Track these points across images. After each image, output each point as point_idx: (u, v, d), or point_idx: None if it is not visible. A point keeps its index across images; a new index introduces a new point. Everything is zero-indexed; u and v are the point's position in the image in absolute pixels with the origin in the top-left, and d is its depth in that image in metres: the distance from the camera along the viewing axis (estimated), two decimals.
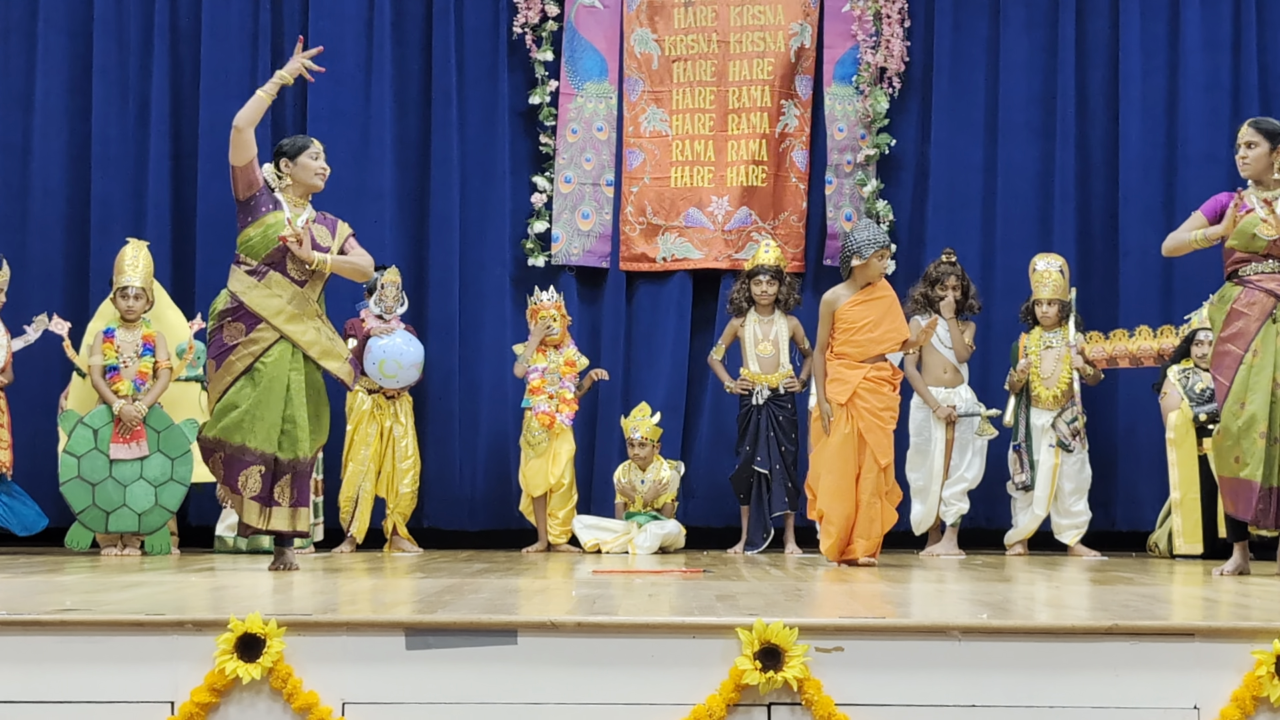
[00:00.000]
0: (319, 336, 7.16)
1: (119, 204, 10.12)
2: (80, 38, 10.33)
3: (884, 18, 10.20)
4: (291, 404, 7.06)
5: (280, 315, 7.04)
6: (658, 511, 9.49)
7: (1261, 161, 7.10)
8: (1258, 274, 7.03)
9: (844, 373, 8.02)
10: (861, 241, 8.02)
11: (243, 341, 7.05)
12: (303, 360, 7.12)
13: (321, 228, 7.22)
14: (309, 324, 7.12)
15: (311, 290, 7.15)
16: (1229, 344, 7.05)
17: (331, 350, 7.21)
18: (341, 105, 10.23)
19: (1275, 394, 6.93)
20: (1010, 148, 10.24)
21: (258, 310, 7.04)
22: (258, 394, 7.02)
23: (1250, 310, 7.01)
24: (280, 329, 7.04)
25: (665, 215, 10.30)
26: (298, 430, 7.07)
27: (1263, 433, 6.92)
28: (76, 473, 8.75)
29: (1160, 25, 10.27)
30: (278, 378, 7.04)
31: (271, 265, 7.07)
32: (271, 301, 7.05)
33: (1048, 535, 9.39)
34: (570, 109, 10.33)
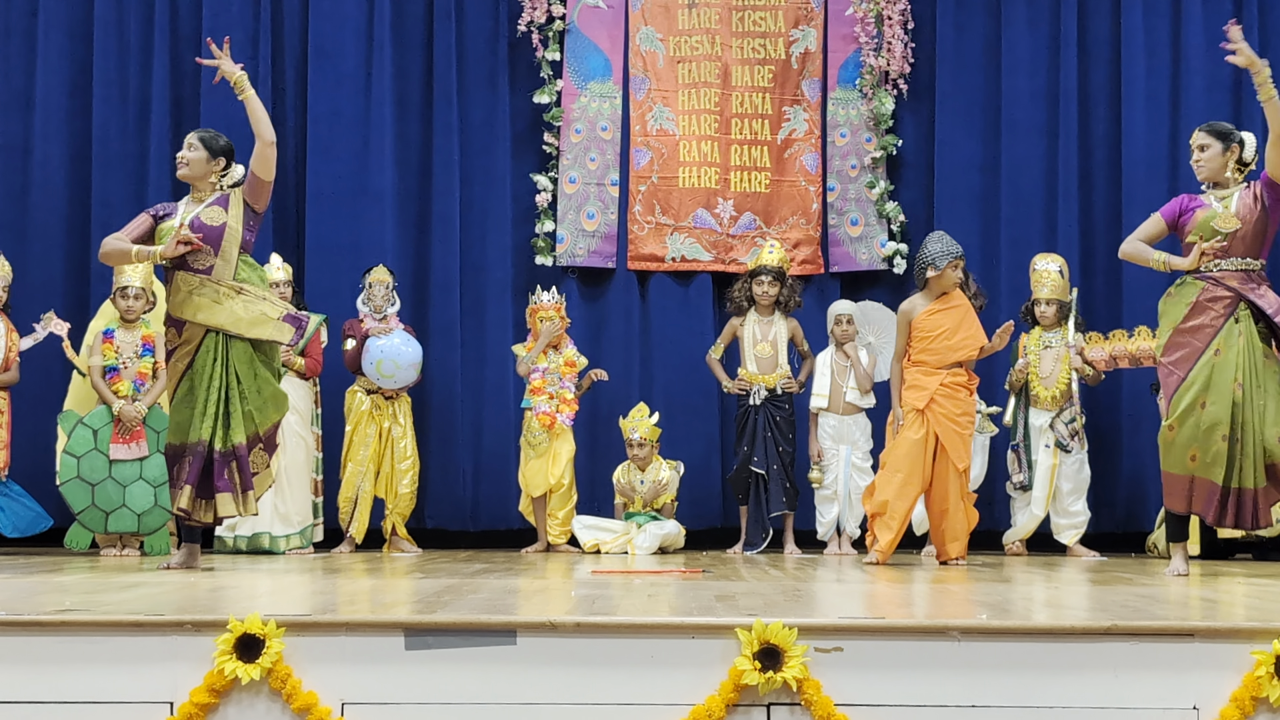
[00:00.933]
0: (240, 312, 7.18)
1: (120, 204, 10.10)
2: (80, 39, 10.33)
3: (885, 20, 10.20)
4: (211, 395, 7.12)
5: (196, 310, 7.14)
6: (657, 512, 9.49)
7: (1215, 162, 7.17)
8: (1221, 270, 7.05)
9: (921, 379, 8.21)
10: (936, 253, 8.21)
11: (178, 345, 7.19)
12: (229, 343, 7.17)
13: (215, 207, 7.28)
14: (225, 305, 7.17)
15: (222, 271, 7.19)
16: (1189, 336, 7.08)
17: (257, 319, 7.22)
18: (341, 106, 10.22)
19: (1236, 395, 6.94)
20: (1014, 146, 10.24)
21: (177, 314, 7.17)
22: (193, 390, 7.12)
23: (1214, 306, 7.04)
24: (200, 323, 7.14)
25: (675, 215, 10.31)
26: (231, 419, 7.13)
27: (1224, 435, 6.94)
28: (76, 473, 8.75)
29: (1162, 23, 10.27)
30: (205, 369, 7.12)
31: (175, 267, 7.20)
32: (185, 301, 7.15)
33: (1047, 535, 9.39)
34: (574, 109, 10.33)
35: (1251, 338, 7.01)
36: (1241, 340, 6.98)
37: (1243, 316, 7.02)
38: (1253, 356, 7.00)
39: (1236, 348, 6.97)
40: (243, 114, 7.32)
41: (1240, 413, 6.95)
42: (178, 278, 7.18)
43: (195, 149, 7.33)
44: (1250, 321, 7.02)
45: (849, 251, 10.28)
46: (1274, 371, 7.06)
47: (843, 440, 9.50)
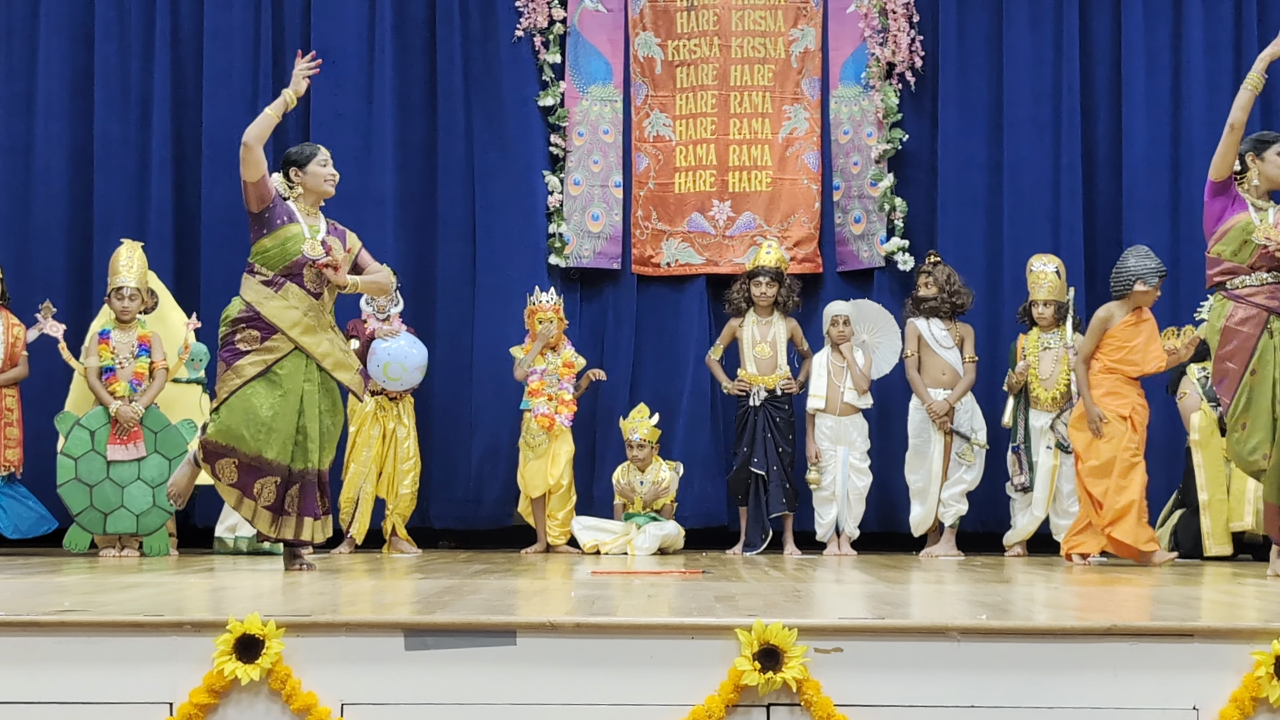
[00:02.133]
0: (332, 348, 7.18)
1: (121, 206, 10.13)
2: (82, 41, 10.34)
3: (889, 14, 10.19)
4: (304, 415, 7.10)
5: (296, 327, 7.07)
6: (656, 513, 9.49)
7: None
8: (1247, 287, 7.02)
9: (1122, 387, 8.52)
10: (1148, 269, 8.49)
11: (257, 349, 7.06)
12: (316, 371, 7.14)
13: (334, 239, 7.24)
14: (323, 335, 7.15)
15: (326, 301, 7.18)
16: (1228, 361, 7.06)
17: (344, 362, 7.24)
18: (343, 109, 10.24)
19: (1276, 413, 6.92)
20: (1016, 145, 10.25)
21: (274, 321, 7.06)
22: (277, 405, 7.03)
23: (1244, 326, 7.01)
24: (296, 340, 7.07)
25: (669, 220, 10.32)
26: (309, 442, 7.11)
27: (1265, 454, 6.92)
28: (74, 474, 8.74)
29: (1163, 26, 10.28)
30: (293, 389, 7.07)
31: (289, 277, 7.09)
32: (288, 313, 7.07)
33: (1046, 536, 9.39)
34: (577, 112, 10.35)
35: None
36: (1277, 355, 6.96)
37: (1276, 329, 6.98)
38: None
39: (1272, 363, 6.95)
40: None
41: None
42: (288, 288, 7.08)
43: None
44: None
45: (852, 250, 10.28)
46: None
47: (840, 441, 9.50)
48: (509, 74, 10.37)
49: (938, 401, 9.34)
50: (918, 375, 9.44)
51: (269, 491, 7.06)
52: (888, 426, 9.87)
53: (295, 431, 7.08)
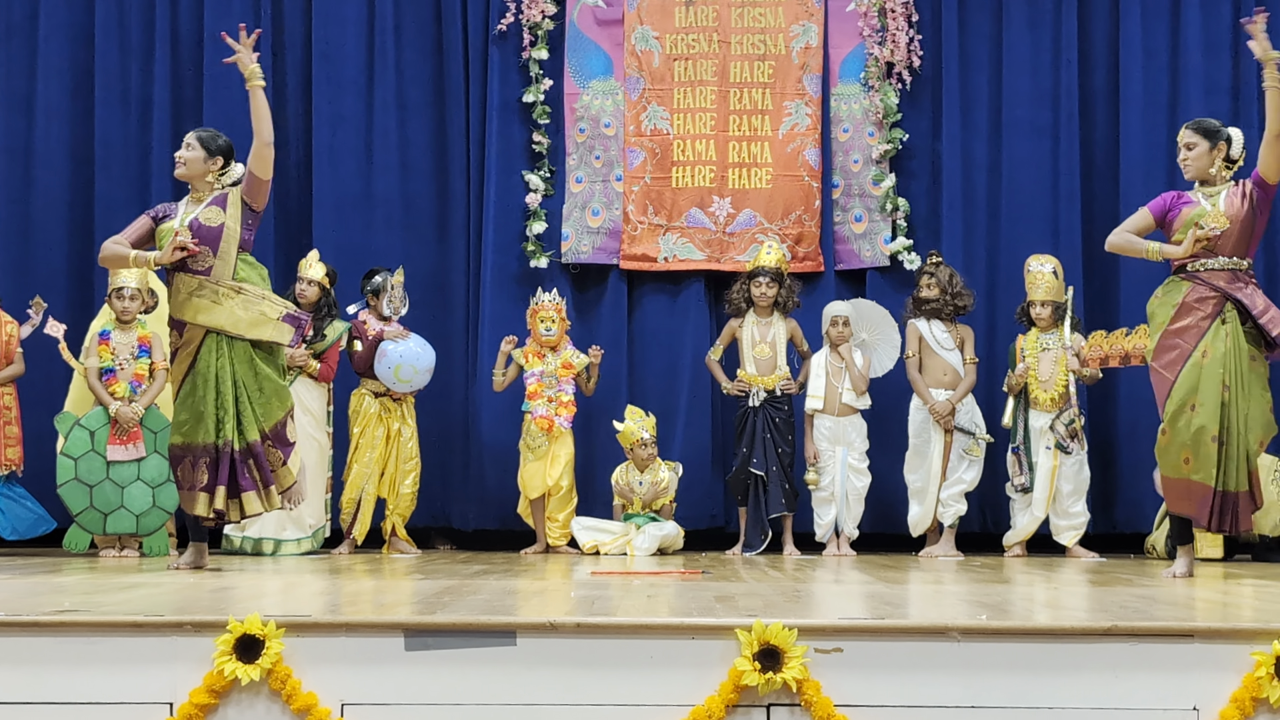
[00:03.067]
0: (239, 313, 7.20)
1: (121, 206, 10.09)
2: (82, 42, 10.34)
3: (889, 13, 10.19)
4: (222, 394, 7.14)
5: (196, 312, 7.17)
6: (656, 513, 9.49)
7: (1203, 160, 7.12)
8: (1208, 270, 7.03)
9: None
10: None
11: (180, 346, 7.22)
12: (229, 344, 7.19)
13: (213, 208, 7.30)
14: (225, 306, 7.19)
15: (221, 271, 7.21)
16: (1177, 338, 7.05)
17: (256, 320, 7.24)
18: (344, 110, 10.23)
19: (1224, 397, 6.93)
20: (1015, 146, 10.24)
21: (177, 315, 7.21)
22: (198, 392, 7.14)
23: (1201, 306, 7.01)
24: (200, 325, 7.15)
25: (667, 215, 10.29)
26: (226, 417, 7.15)
27: (1214, 437, 6.92)
28: (74, 474, 8.74)
29: (1161, 27, 10.27)
30: (208, 370, 7.14)
31: (175, 269, 7.22)
32: (185, 302, 7.18)
33: (1046, 537, 9.39)
34: (577, 108, 10.33)
35: (1238, 339, 6.97)
36: (1229, 341, 6.95)
37: (1230, 317, 6.99)
38: (1239, 359, 6.96)
39: (1224, 349, 6.95)
40: (245, 116, 7.29)
41: (1227, 414, 6.94)
42: (177, 279, 7.20)
43: (192, 148, 7.34)
44: (1237, 322, 6.98)
45: (853, 249, 10.27)
46: (1259, 375, 7.05)
47: (839, 441, 9.50)
48: (510, 71, 10.36)
49: (941, 401, 9.34)
50: (919, 376, 9.44)
51: (200, 474, 7.14)
52: (886, 427, 9.86)
53: (216, 409, 7.14)
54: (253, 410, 7.21)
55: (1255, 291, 7.05)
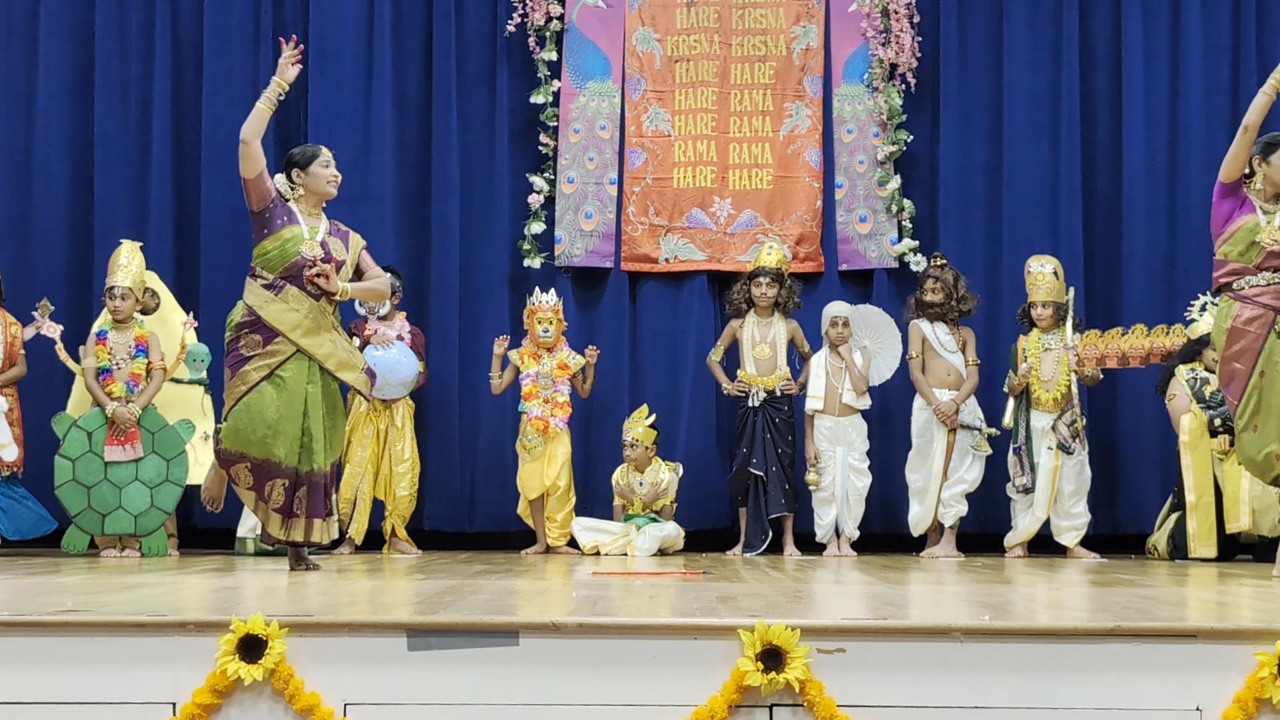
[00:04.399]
0: (335, 349, 7.17)
1: (121, 206, 10.13)
2: (82, 41, 10.34)
3: (892, 14, 10.19)
4: (308, 418, 7.10)
5: (297, 329, 7.07)
6: (656, 514, 9.49)
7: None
8: (1254, 287, 7.01)
9: None
10: None
11: (260, 353, 7.07)
12: (319, 373, 7.14)
13: (336, 240, 7.25)
14: (325, 336, 7.14)
15: (328, 302, 7.18)
16: (1234, 362, 7.04)
17: (348, 362, 7.23)
18: (341, 108, 10.24)
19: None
20: (1015, 147, 10.25)
21: (275, 324, 7.06)
22: (282, 407, 7.04)
23: (1251, 327, 7.00)
24: (297, 343, 7.07)
25: (668, 216, 10.30)
26: (314, 444, 7.11)
27: (1276, 454, 6.91)
28: (71, 475, 8.73)
29: (1162, 27, 10.28)
30: (297, 392, 7.07)
31: (288, 279, 7.09)
32: (289, 316, 7.07)
33: (1047, 538, 9.40)
34: (573, 109, 10.33)
35: None
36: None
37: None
38: None
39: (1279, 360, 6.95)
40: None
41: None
42: (289, 291, 7.08)
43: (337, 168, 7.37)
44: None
45: (858, 249, 10.26)
46: None
47: (839, 442, 9.50)
48: (503, 73, 10.37)
49: (945, 402, 9.34)
50: (922, 376, 9.44)
51: (278, 494, 7.08)
52: (887, 427, 9.87)
53: (300, 433, 7.09)
54: (325, 442, 7.18)
55: None
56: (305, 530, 7.14)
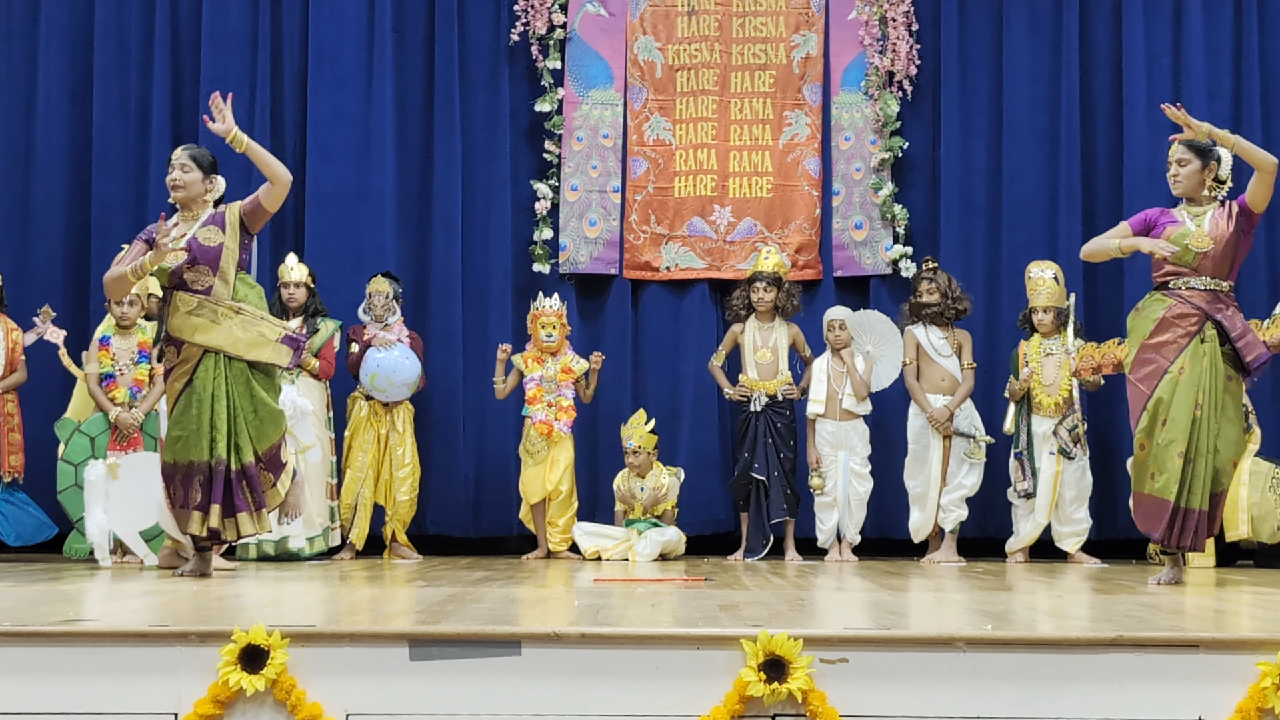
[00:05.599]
0: (238, 333, 7.16)
1: (120, 210, 10.12)
2: (81, 45, 10.34)
3: (889, 21, 10.20)
4: (215, 413, 7.09)
5: (195, 332, 7.11)
6: (658, 519, 9.48)
7: (1193, 179, 7.13)
8: (1189, 288, 7.04)
9: None
10: None
11: (176, 364, 7.15)
12: (227, 364, 7.15)
13: (209, 228, 7.24)
14: (223, 326, 7.14)
15: (220, 291, 7.17)
16: (1154, 353, 7.06)
17: (254, 340, 7.21)
18: (342, 107, 10.23)
19: (1195, 415, 6.93)
20: (1016, 152, 10.24)
21: (176, 333, 7.14)
22: (193, 410, 7.08)
23: (1181, 323, 7.02)
24: (199, 344, 7.10)
25: (669, 224, 10.32)
26: (219, 435, 7.08)
27: (1180, 453, 6.93)
28: (74, 480, 8.73)
29: (1163, 30, 10.28)
30: (204, 389, 7.09)
31: (174, 287, 7.18)
32: (185, 321, 7.13)
33: (1048, 542, 9.39)
34: (576, 117, 10.33)
35: (1215, 359, 6.99)
36: (1205, 360, 6.97)
37: (1209, 337, 7.00)
38: (1215, 379, 6.98)
39: (1200, 367, 6.97)
40: (239, 122, 7.29)
41: (1197, 432, 6.95)
42: (176, 297, 7.16)
43: (189, 169, 7.30)
44: (1216, 343, 7.00)
45: (854, 256, 10.27)
46: (1234, 396, 7.08)
47: (841, 446, 9.50)
48: (505, 78, 10.37)
49: (938, 409, 9.35)
50: (917, 383, 9.45)
51: (194, 492, 7.09)
52: (886, 433, 9.87)
53: (210, 428, 7.09)
54: (248, 432, 7.16)
55: (1235, 314, 7.07)
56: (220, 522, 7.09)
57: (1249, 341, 7.03)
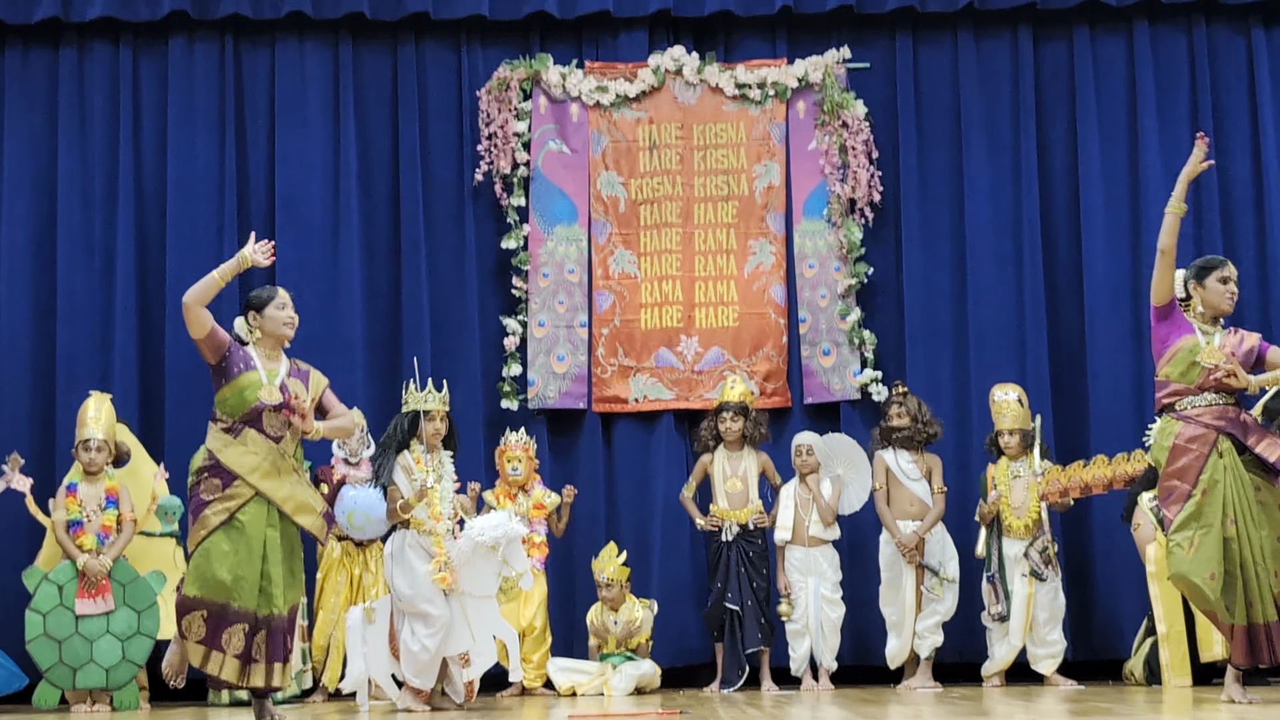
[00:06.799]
0: (294, 491, 7.12)
1: (85, 357, 10.09)
2: (45, 195, 10.33)
3: (850, 150, 10.32)
4: (268, 561, 7.02)
5: (255, 472, 7.01)
6: (632, 652, 9.43)
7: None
8: (1195, 408, 7.09)
9: None
10: None
11: (219, 497, 7.00)
12: (278, 516, 7.08)
13: (296, 381, 7.22)
14: (284, 479, 7.09)
15: (288, 445, 7.14)
16: (1176, 480, 7.06)
17: (306, 505, 7.17)
18: (309, 254, 10.26)
19: (1229, 532, 6.93)
20: (979, 275, 10.31)
21: (233, 467, 7.01)
22: (240, 552, 6.97)
23: (1193, 446, 7.04)
24: (255, 486, 7.01)
25: (636, 356, 10.35)
26: (273, 587, 7.01)
27: (1213, 575, 6.90)
28: (42, 630, 8.66)
29: (1119, 153, 10.40)
30: (255, 535, 7.00)
31: (248, 423, 7.06)
32: (247, 459, 7.02)
33: (1024, 665, 9.35)
34: (541, 253, 10.40)
35: (1238, 470, 6.99)
36: (1228, 475, 6.98)
37: (1225, 449, 7.01)
38: (1243, 491, 6.98)
39: (1222, 484, 6.97)
40: (207, 266, 7.31)
41: (1239, 548, 6.93)
42: (247, 434, 7.05)
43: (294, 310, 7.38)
44: (1234, 454, 7.01)
45: (823, 382, 10.31)
46: (1267, 503, 7.03)
47: (810, 572, 9.47)
48: (470, 217, 10.44)
49: (907, 535, 9.35)
50: (887, 508, 9.46)
51: (237, 639, 6.97)
52: (859, 557, 9.84)
53: (260, 577, 7.01)
54: (284, 585, 7.10)
55: (1247, 419, 7.09)
56: (266, 675, 7.02)
57: (1268, 444, 7.03)
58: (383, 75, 10.57)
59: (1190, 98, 10.49)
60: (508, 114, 10.40)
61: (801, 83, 10.49)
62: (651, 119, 10.55)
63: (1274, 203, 10.33)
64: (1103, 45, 10.57)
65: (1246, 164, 10.45)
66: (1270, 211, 10.33)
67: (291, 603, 7.17)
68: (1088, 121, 10.42)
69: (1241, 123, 10.50)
